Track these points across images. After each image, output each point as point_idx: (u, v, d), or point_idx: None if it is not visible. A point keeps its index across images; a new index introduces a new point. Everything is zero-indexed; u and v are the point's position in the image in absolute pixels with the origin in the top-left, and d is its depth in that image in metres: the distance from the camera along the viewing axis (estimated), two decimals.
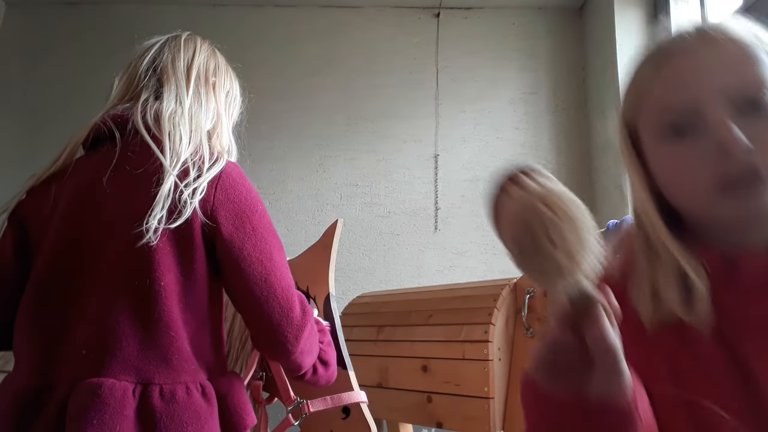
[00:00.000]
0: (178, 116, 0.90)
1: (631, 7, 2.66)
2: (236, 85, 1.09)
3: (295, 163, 2.94)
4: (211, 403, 0.82)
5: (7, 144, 2.92)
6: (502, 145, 2.98)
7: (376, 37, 3.10)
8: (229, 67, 1.08)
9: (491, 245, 2.88)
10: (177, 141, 0.86)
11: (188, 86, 0.95)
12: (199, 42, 1.04)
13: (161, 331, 0.80)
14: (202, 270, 0.84)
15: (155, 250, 0.80)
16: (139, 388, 0.77)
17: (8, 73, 3.03)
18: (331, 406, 1.14)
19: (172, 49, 1.00)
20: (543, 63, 3.07)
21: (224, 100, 1.03)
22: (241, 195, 0.88)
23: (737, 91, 0.56)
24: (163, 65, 0.97)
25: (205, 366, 0.85)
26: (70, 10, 3.12)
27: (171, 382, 0.79)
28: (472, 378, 1.46)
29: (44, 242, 0.86)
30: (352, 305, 2.04)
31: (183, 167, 0.84)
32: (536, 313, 1.47)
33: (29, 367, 0.81)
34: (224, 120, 1.02)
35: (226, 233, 0.84)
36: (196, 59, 1.00)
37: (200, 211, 0.83)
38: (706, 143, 0.56)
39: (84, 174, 0.88)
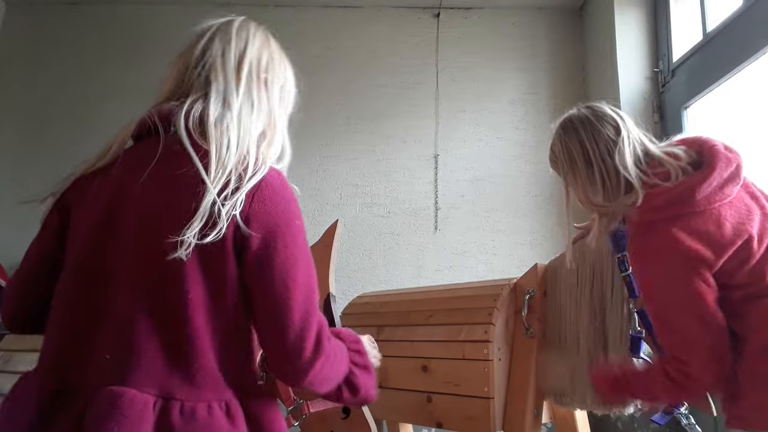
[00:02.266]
0: (227, 121, 0.84)
1: (631, 7, 2.66)
2: (291, 75, 1.01)
3: (295, 163, 2.93)
4: (236, 424, 0.79)
5: (7, 144, 2.92)
6: (502, 145, 2.98)
7: (376, 38, 3.10)
8: (283, 55, 1.00)
9: (491, 245, 2.88)
10: (224, 150, 0.81)
11: (238, 85, 0.88)
12: (252, 30, 0.95)
13: (186, 345, 0.77)
14: (233, 283, 0.80)
15: (185, 261, 0.76)
16: (160, 402, 0.75)
17: (8, 73, 3.03)
18: (331, 406, 1.14)
19: (223, 39, 0.92)
20: (543, 63, 3.07)
21: (278, 95, 0.96)
22: (279, 208, 0.82)
23: None
24: (212, 59, 0.90)
25: (234, 383, 0.81)
26: (70, 10, 3.12)
27: (193, 399, 0.76)
28: (472, 378, 1.46)
29: (80, 236, 0.84)
30: (352, 305, 2.04)
31: (227, 178, 0.80)
32: (536, 313, 1.47)
33: (53, 363, 0.80)
34: (277, 117, 0.95)
35: (254, 247, 0.79)
36: (249, 52, 0.92)
37: (241, 224, 0.78)
38: None
39: (126, 171, 0.84)
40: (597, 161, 1.19)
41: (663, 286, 1.11)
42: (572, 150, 1.23)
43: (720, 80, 2.12)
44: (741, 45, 1.99)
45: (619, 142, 1.19)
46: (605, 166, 1.19)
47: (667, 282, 1.10)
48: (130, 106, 0.90)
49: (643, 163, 1.18)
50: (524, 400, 1.41)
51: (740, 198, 1.12)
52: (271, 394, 1.19)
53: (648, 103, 2.55)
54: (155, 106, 0.89)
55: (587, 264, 1.39)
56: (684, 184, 1.11)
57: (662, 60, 2.55)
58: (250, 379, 0.85)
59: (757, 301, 1.07)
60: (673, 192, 1.11)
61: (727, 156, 1.13)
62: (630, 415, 1.29)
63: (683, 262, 1.07)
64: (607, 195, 1.18)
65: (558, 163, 1.29)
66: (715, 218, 1.08)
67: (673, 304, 1.10)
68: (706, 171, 1.12)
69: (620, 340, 1.27)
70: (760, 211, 1.11)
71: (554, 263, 1.51)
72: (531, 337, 1.45)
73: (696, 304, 1.07)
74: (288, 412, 1.15)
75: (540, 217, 2.88)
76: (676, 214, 1.10)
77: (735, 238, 1.06)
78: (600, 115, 1.24)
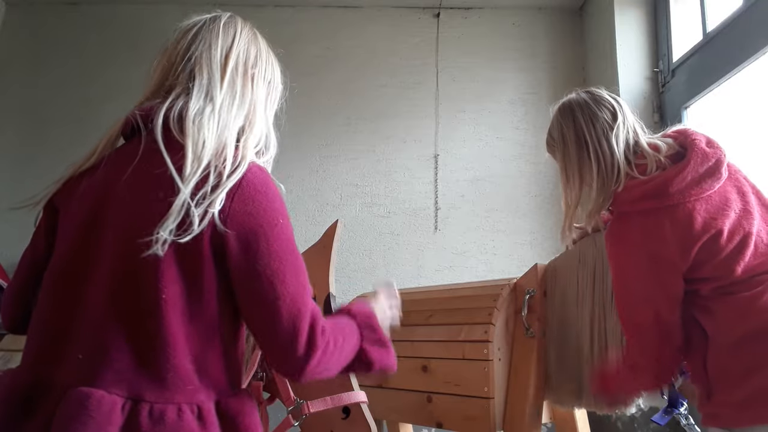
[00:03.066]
0: (206, 116, 0.83)
1: (631, 7, 2.66)
2: (278, 71, 1.00)
3: (295, 163, 2.94)
4: (207, 428, 0.77)
5: (7, 144, 2.92)
6: (502, 145, 2.98)
7: (376, 38, 3.10)
8: (271, 52, 1.00)
9: (491, 245, 2.88)
10: (200, 146, 0.80)
11: (223, 79, 0.87)
12: (239, 26, 0.95)
13: (158, 346, 0.75)
14: (211, 283, 0.79)
15: (160, 259, 0.75)
16: (129, 404, 0.73)
17: (8, 73, 3.03)
18: (331, 406, 1.14)
19: (210, 34, 0.91)
20: (543, 63, 3.07)
21: (265, 91, 0.95)
22: (260, 207, 0.81)
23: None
24: (198, 54, 0.89)
25: (212, 385, 0.80)
26: (70, 10, 3.12)
27: (163, 401, 0.75)
28: (472, 378, 1.46)
29: (65, 236, 0.84)
30: None
31: (204, 173, 0.78)
32: (536, 313, 1.47)
33: (32, 360, 0.80)
34: (261, 114, 0.94)
35: (235, 249, 0.78)
36: (235, 47, 0.91)
37: (218, 222, 0.77)
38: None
39: (109, 171, 0.84)
40: (593, 143, 1.22)
41: (627, 275, 1.16)
42: (569, 132, 1.27)
43: (720, 80, 2.12)
44: (741, 45, 1.99)
45: (615, 127, 1.22)
46: (601, 149, 1.21)
47: (632, 271, 1.14)
48: (131, 107, 0.90)
49: (632, 152, 1.22)
50: (524, 400, 1.41)
51: (722, 193, 1.13)
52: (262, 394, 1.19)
53: (648, 103, 2.55)
54: (139, 104, 0.89)
55: (587, 264, 1.39)
56: (659, 178, 1.14)
57: (662, 60, 2.55)
58: (230, 381, 0.84)
59: (726, 297, 1.09)
60: (648, 185, 1.14)
61: (704, 151, 1.15)
62: (630, 415, 1.29)
63: (649, 258, 1.11)
64: (602, 178, 1.20)
65: (555, 145, 1.32)
66: (688, 212, 1.10)
67: (632, 292, 1.15)
68: (680, 165, 1.14)
69: (620, 340, 1.27)
70: (741, 208, 1.12)
71: (554, 263, 1.51)
72: (531, 337, 1.45)
73: (651, 299, 1.11)
74: (288, 413, 1.15)
75: (540, 217, 2.88)
76: (649, 208, 1.13)
77: (703, 233, 1.09)
78: (598, 99, 1.28)
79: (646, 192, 1.14)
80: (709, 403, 1.08)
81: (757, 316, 1.04)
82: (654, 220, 1.12)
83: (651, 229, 1.12)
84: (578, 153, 1.24)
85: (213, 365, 0.80)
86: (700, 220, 1.09)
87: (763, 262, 1.09)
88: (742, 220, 1.11)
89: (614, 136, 1.21)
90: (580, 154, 1.24)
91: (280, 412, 1.18)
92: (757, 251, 1.09)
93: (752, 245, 1.09)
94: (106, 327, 0.76)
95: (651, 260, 1.11)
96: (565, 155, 1.28)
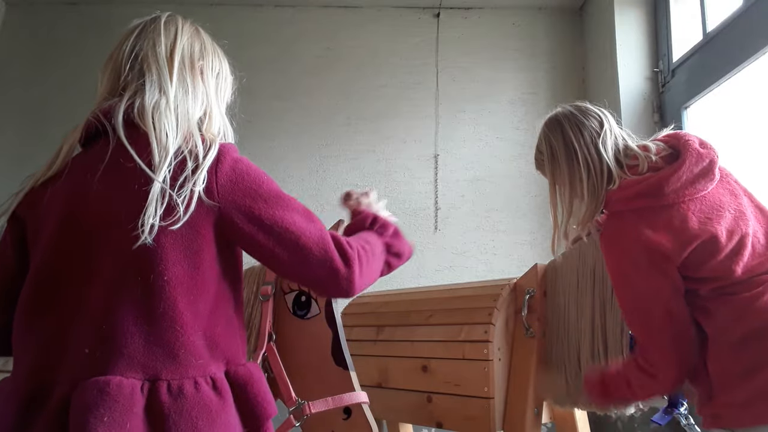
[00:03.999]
0: (163, 107, 0.86)
1: (631, 7, 2.66)
2: (226, 64, 1.04)
3: (295, 163, 2.94)
4: (224, 396, 0.81)
5: (7, 144, 2.92)
6: (502, 145, 2.98)
7: (376, 38, 3.10)
8: (216, 46, 1.03)
9: (491, 245, 2.88)
10: (163, 135, 0.83)
11: (171, 73, 0.91)
12: (180, 23, 0.98)
13: (166, 326, 0.78)
14: (212, 261, 0.83)
15: (158, 244, 0.78)
16: (147, 384, 0.76)
17: (8, 73, 3.03)
18: (333, 406, 1.15)
19: (151, 33, 0.95)
20: (543, 63, 3.07)
21: (214, 83, 0.99)
22: (244, 173, 0.86)
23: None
24: (144, 53, 0.92)
25: (221, 357, 0.84)
26: (70, 10, 3.12)
27: (179, 377, 0.78)
28: (472, 378, 1.46)
29: (41, 243, 0.84)
30: (352, 305, 2.04)
31: (178, 159, 0.82)
32: (536, 313, 1.47)
33: (28, 368, 0.80)
34: (215, 104, 0.97)
35: (238, 218, 0.83)
36: (179, 42, 0.95)
37: (206, 200, 0.81)
38: None
39: (79, 173, 0.86)
40: (582, 151, 1.23)
41: (628, 276, 1.15)
42: (558, 144, 1.27)
43: (720, 80, 2.12)
44: (741, 45, 1.99)
45: (603, 133, 1.23)
46: (590, 156, 1.22)
47: (632, 271, 1.13)
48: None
49: (623, 155, 1.23)
50: (524, 400, 1.41)
51: (715, 194, 1.14)
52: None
53: (648, 103, 2.55)
54: (96, 106, 0.91)
55: (587, 264, 1.39)
56: (653, 177, 1.14)
57: (662, 60, 2.55)
58: (237, 352, 0.88)
59: (726, 297, 1.09)
60: (643, 185, 1.14)
61: (698, 151, 1.15)
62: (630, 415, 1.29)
63: (646, 254, 1.10)
64: (592, 185, 1.21)
65: (544, 159, 1.33)
66: (682, 213, 1.11)
67: (637, 293, 1.14)
68: (675, 165, 1.14)
69: (620, 340, 1.28)
70: (735, 209, 1.13)
71: (554, 263, 1.51)
72: (531, 337, 1.45)
73: (658, 295, 1.10)
74: (289, 413, 1.15)
75: (540, 217, 2.88)
76: (643, 207, 1.13)
77: (699, 234, 1.09)
78: (584, 110, 1.29)
79: (639, 191, 1.14)
80: (711, 404, 1.08)
81: (757, 316, 1.04)
82: (648, 217, 1.12)
83: (646, 226, 1.11)
84: (568, 163, 1.25)
85: (221, 338, 0.84)
86: (695, 220, 1.10)
87: (761, 262, 1.09)
88: (738, 221, 1.11)
89: (602, 143, 1.22)
90: (570, 163, 1.25)
91: (281, 413, 1.18)
92: (754, 252, 1.10)
93: (749, 246, 1.10)
94: (112, 318, 0.77)
95: (650, 255, 1.10)
96: (554, 167, 1.29)
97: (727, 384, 1.05)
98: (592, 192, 1.21)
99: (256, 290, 1.30)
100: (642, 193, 1.14)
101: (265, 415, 0.84)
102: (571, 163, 1.25)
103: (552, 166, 1.30)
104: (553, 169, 1.30)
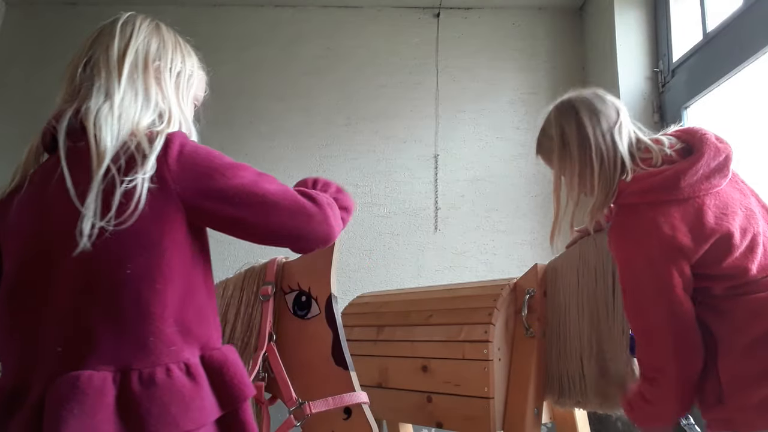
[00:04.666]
0: (103, 114, 0.85)
1: (631, 7, 2.67)
2: (190, 61, 1.02)
3: (295, 163, 2.94)
4: (198, 381, 0.81)
5: (7, 143, 2.92)
6: (502, 145, 2.98)
7: (376, 38, 3.10)
8: (179, 43, 1.01)
9: (491, 245, 2.88)
10: (100, 141, 0.83)
11: (120, 76, 0.89)
12: (138, 23, 0.97)
13: (133, 317, 0.79)
14: (176, 249, 0.83)
15: (117, 238, 0.79)
16: (119, 375, 0.77)
17: (8, 73, 3.03)
18: (333, 406, 1.15)
19: (107, 36, 0.94)
20: (543, 63, 3.07)
21: (173, 83, 0.97)
22: (193, 155, 0.85)
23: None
24: (96, 57, 0.92)
25: (195, 342, 0.84)
26: (70, 10, 3.12)
27: (150, 365, 0.78)
28: (472, 378, 1.46)
29: (10, 251, 0.87)
30: (352, 305, 2.04)
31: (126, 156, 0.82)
32: (536, 313, 1.47)
33: (10, 370, 0.82)
34: (174, 104, 0.95)
35: (202, 198, 0.84)
36: (133, 43, 0.93)
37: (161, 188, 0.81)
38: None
39: (38, 181, 0.88)
40: (597, 140, 1.18)
41: (638, 269, 1.11)
42: (570, 130, 1.21)
43: (720, 80, 2.12)
44: (741, 45, 1.99)
45: (618, 123, 1.19)
46: (605, 145, 1.17)
47: (643, 265, 1.10)
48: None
49: (635, 148, 1.19)
50: (524, 400, 1.41)
51: (727, 191, 1.11)
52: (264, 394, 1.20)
53: (648, 103, 2.55)
54: (53, 115, 0.91)
55: (588, 264, 1.39)
56: (670, 170, 1.10)
57: (662, 60, 2.55)
58: (211, 336, 0.88)
59: (741, 298, 1.06)
60: (658, 177, 1.11)
61: (716, 146, 1.13)
62: None
63: (660, 247, 1.07)
64: (605, 176, 1.16)
65: (552, 145, 1.26)
66: (698, 207, 1.08)
67: (645, 287, 1.10)
68: (693, 158, 1.11)
69: (620, 340, 1.28)
70: (746, 207, 1.11)
71: (554, 263, 1.51)
72: (531, 337, 1.45)
73: (667, 291, 1.07)
74: (290, 413, 1.15)
75: (540, 217, 2.88)
76: (659, 200, 1.09)
77: (715, 230, 1.06)
78: (600, 96, 1.25)
79: (654, 184, 1.10)
80: (720, 407, 1.05)
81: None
82: (664, 211, 1.08)
83: (661, 219, 1.07)
84: (580, 150, 1.19)
85: (193, 324, 0.84)
86: (711, 215, 1.07)
87: None
88: (749, 219, 1.09)
89: (617, 132, 1.18)
90: (582, 151, 1.18)
91: (281, 413, 1.18)
92: (766, 251, 1.07)
93: (761, 244, 1.07)
94: (80, 315, 0.79)
95: (665, 249, 1.06)
96: (563, 154, 1.23)
97: (741, 386, 1.02)
98: (604, 183, 1.16)
99: (256, 290, 1.30)
100: (658, 186, 1.10)
101: (242, 396, 0.85)
102: (583, 152, 1.18)
103: (561, 152, 1.23)
104: (562, 156, 1.23)
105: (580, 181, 1.20)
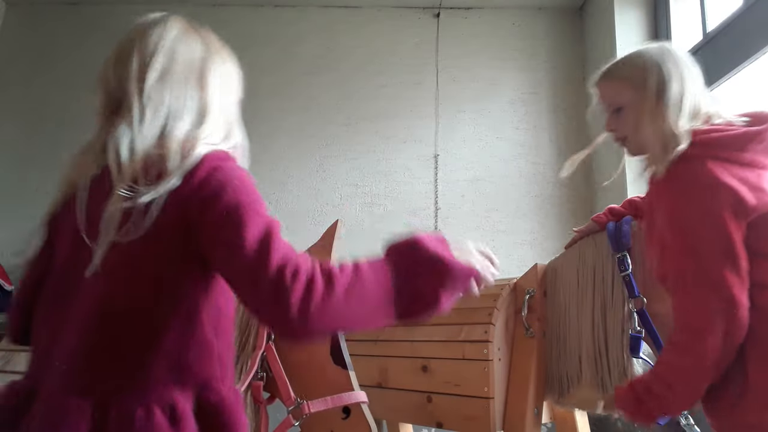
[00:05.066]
0: (121, 132, 0.81)
1: (631, 7, 2.66)
2: (229, 64, 0.97)
3: (295, 163, 2.94)
4: (180, 428, 0.75)
5: (7, 144, 2.92)
6: (502, 145, 2.98)
7: (376, 37, 3.10)
8: (212, 45, 0.96)
9: (491, 245, 2.86)
10: (120, 161, 0.79)
11: (141, 93, 0.84)
12: (165, 30, 0.92)
13: (128, 348, 0.76)
14: (182, 276, 0.78)
15: (125, 263, 0.76)
16: (99, 408, 0.74)
17: (8, 73, 3.03)
18: (332, 406, 1.14)
19: (134, 49, 0.90)
20: (543, 63, 3.07)
21: (217, 86, 0.91)
22: (216, 178, 0.77)
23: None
24: (123, 71, 0.88)
25: (190, 381, 0.79)
26: (70, 10, 3.12)
27: (131, 402, 0.74)
28: (472, 378, 1.46)
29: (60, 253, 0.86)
30: None
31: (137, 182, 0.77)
32: (536, 313, 1.47)
33: (32, 365, 0.83)
34: (215, 110, 0.88)
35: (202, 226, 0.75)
36: (161, 49, 0.89)
37: (175, 208, 0.76)
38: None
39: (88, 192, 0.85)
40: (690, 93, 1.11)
41: (693, 222, 1.02)
42: (673, 76, 1.13)
43: (720, 80, 2.12)
44: (741, 45, 1.99)
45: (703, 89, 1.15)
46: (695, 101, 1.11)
47: (701, 217, 1.02)
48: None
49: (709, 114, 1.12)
50: (524, 400, 1.41)
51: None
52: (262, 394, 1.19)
53: None
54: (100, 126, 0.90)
55: (587, 264, 1.39)
56: (740, 129, 1.06)
57: None
58: (213, 376, 0.81)
59: None
60: (728, 134, 1.06)
61: None
62: None
63: (723, 200, 1.00)
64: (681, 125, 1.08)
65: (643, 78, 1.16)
66: (758, 176, 1.02)
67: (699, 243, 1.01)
68: (763, 127, 1.06)
69: (620, 340, 1.27)
70: None
71: (554, 263, 1.51)
72: (531, 337, 1.45)
73: (722, 249, 0.98)
74: (288, 412, 1.15)
75: (540, 217, 2.88)
76: (724, 157, 1.04)
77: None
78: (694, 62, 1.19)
79: (722, 138, 1.05)
80: (743, 410, 0.96)
81: None
82: (729, 168, 1.02)
83: (728, 175, 1.01)
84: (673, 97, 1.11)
85: (192, 360, 0.78)
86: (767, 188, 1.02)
87: None
88: None
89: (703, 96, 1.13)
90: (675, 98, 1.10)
91: (280, 412, 1.18)
92: None
93: None
94: (79, 335, 0.77)
95: (727, 202, 0.99)
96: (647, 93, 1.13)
97: None
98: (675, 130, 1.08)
99: None
100: (725, 142, 1.05)
101: None
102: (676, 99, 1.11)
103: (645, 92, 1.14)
104: (646, 95, 1.14)
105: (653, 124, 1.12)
